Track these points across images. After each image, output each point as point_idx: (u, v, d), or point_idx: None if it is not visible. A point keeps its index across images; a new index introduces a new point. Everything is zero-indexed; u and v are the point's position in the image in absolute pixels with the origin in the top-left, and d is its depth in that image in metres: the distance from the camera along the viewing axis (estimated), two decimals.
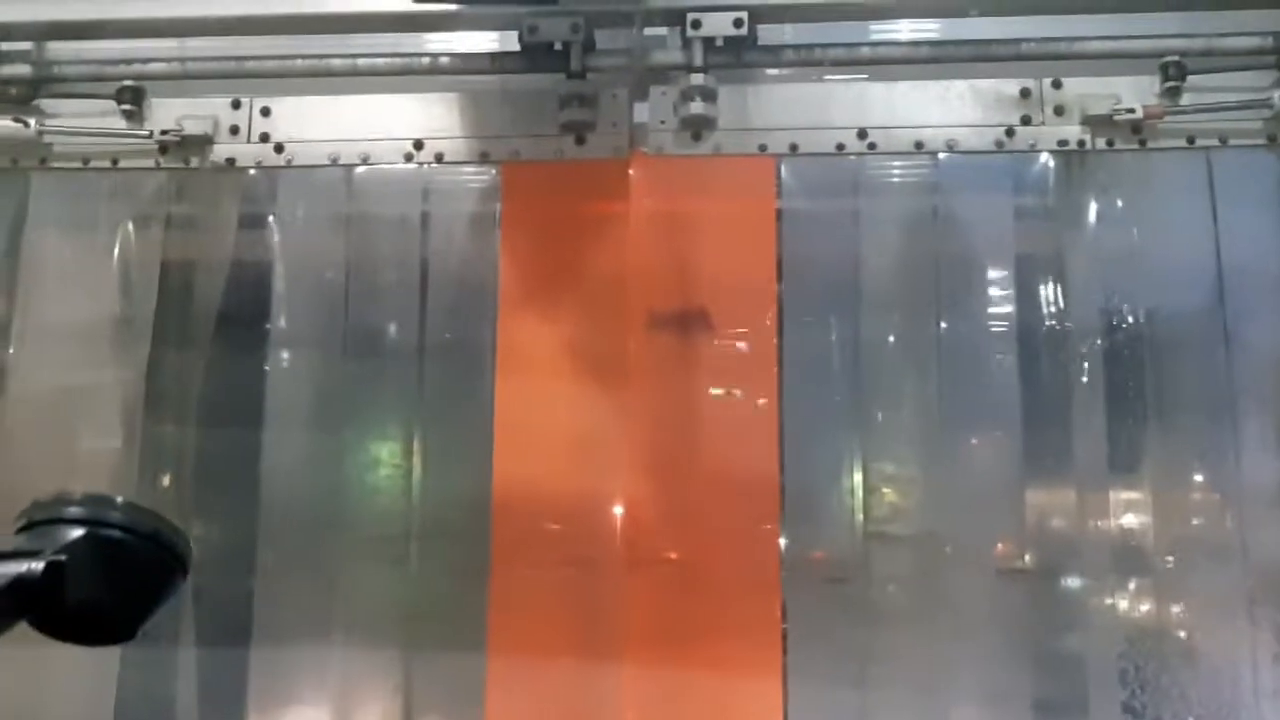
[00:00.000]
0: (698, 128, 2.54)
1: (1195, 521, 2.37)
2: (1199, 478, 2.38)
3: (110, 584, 1.24)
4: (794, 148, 2.53)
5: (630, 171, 2.53)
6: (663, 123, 2.56)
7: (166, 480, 2.47)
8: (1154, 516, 2.38)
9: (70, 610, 1.21)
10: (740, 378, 2.46)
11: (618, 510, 2.38)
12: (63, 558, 1.20)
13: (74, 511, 1.24)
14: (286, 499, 2.44)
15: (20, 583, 1.19)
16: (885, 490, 2.44)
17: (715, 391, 2.46)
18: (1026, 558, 2.38)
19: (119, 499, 1.27)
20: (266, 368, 2.51)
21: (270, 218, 2.60)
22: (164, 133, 2.60)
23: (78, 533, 1.23)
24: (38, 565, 1.19)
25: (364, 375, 2.49)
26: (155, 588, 1.28)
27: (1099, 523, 2.38)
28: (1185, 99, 2.44)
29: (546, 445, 2.43)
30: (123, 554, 1.24)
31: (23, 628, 1.22)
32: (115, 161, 2.63)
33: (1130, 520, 2.40)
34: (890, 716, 2.31)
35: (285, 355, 2.51)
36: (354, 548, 2.42)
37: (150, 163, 2.63)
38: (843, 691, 2.30)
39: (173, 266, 2.58)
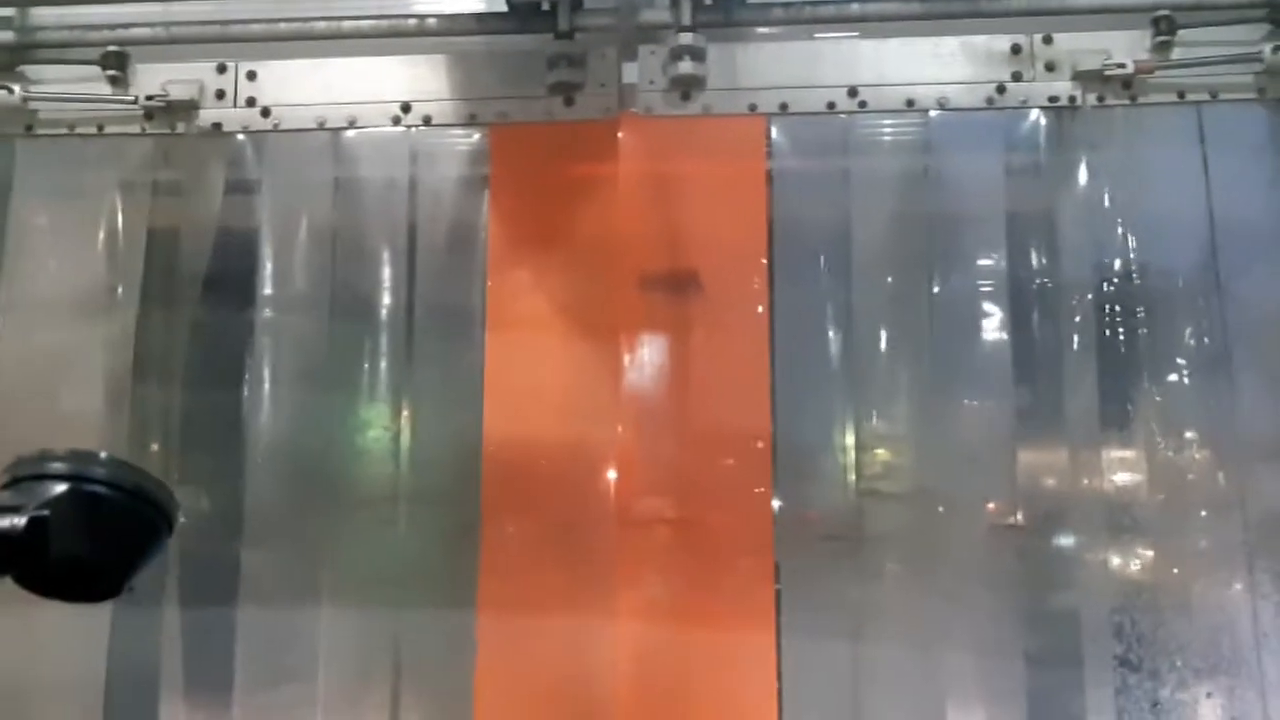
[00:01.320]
0: (687, 87, 2.53)
1: (1190, 475, 2.37)
2: (1193, 432, 2.37)
3: (94, 539, 1.24)
4: (784, 107, 2.52)
5: (619, 133, 2.52)
6: (651, 83, 2.55)
7: (154, 444, 2.47)
8: (1148, 471, 2.38)
9: (54, 566, 1.22)
10: (731, 338, 2.46)
11: (609, 471, 2.38)
12: (45, 513, 1.20)
13: (57, 467, 1.24)
14: (274, 462, 2.43)
15: (3, 538, 1.19)
16: (877, 448, 2.44)
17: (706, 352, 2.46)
18: (1019, 514, 2.37)
19: (103, 454, 1.27)
20: (254, 332, 2.50)
21: (257, 182, 2.59)
22: (149, 98, 2.59)
23: (61, 488, 1.22)
24: (20, 520, 1.19)
25: (352, 339, 2.49)
26: (140, 543, 1.28)
27: (1092, 478, 2.39)
28: (1176, 53, 2.44)
29: (536, 407, 2.43)
30: (107, 509, 1.24)
31: (10, 586, 1.21)
32: (101, 127, 2.63)
33: (1124, 475, 2.40)
34: (884, 672, 2.31)
35: (272, 319, 2.50)
36: (342, 510, 2.42)
37: (136, 128, 2.62)
38: (836, 648, 2.30)
39: (159, 232, 2.58)
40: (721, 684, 2.31)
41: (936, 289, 2.45)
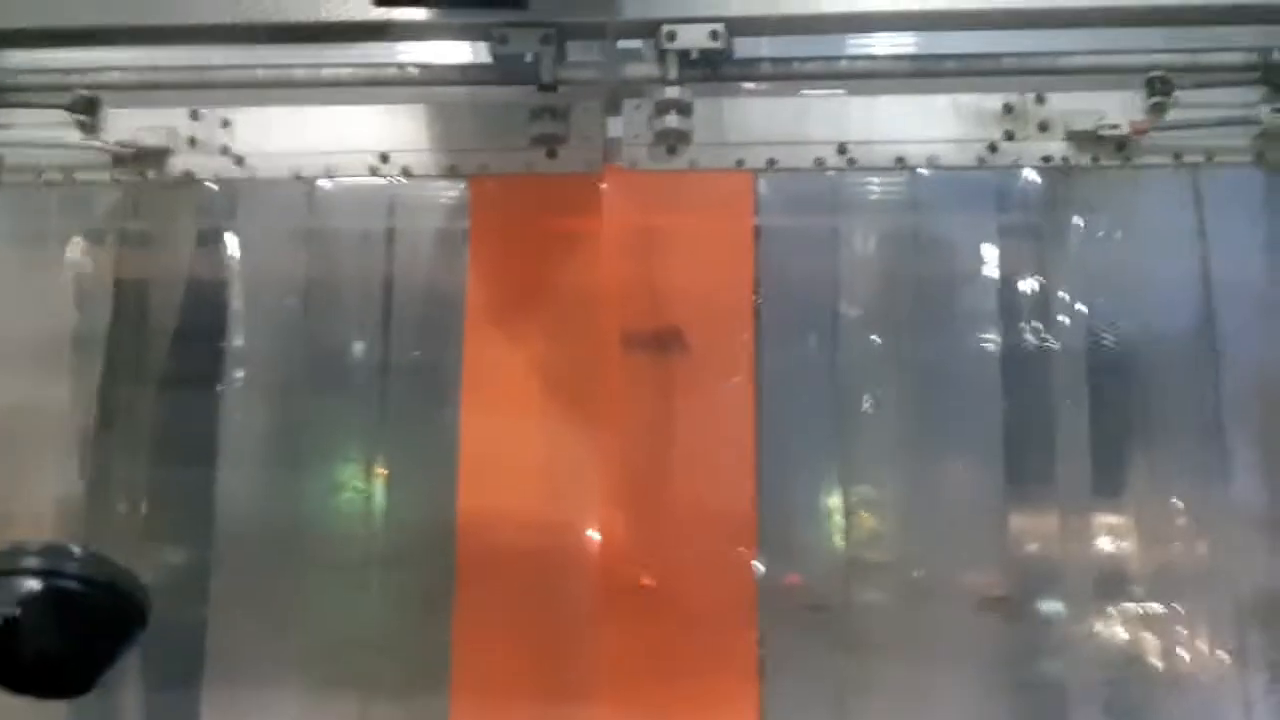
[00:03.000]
0: (673, 142, 2.51)
1: (1182, 548, 2.36)
2: (1186, 502, 2.37)
3: (67, 636, 1.23)
4: (772, 163, 2.50)
5: (603, 186, 2.50)
6: (636, 136, 2.52)
7: (117, 504, 2.43)
8: (1139, 543, 2.38)
9: (26, 664, 1.20)
10: (716, 400, 2.44)
11: (589, 537, 2.35)
12: (17, 612, 1.19)
13: (30, 563, 1.23)
14: (242, 525, 2.40)
15: None
16: (865, 515, 2.42)
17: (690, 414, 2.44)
18: (1009, 585, 2.36)
19: (76, 549, 1.26)
20: (223, 389, 2.47)
21: (229, 233, 2.57)
22: (120, 144, 2.55)
23: (35, 585, 1.21)
24: None
25: (324, 397, 2.47)
26: (113, 639, 1.28)
27: (1083, 548, 2.38)
28: (1171, 115, 2.42)
29: (514, 470, 2.39)
30: (80, 606, 1.24)
31: None
32: (69, 174, 2.58)
33: (1115, 546, 2.40)
34: None
35: (243, 376, 2.47)
36: (312, 577, 2.39)
37: (105, 176, 2.57)
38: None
39: (127, 284, 2.55)
40: None
41: (926, 349, 2.44)
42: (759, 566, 2.35)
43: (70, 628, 1.23)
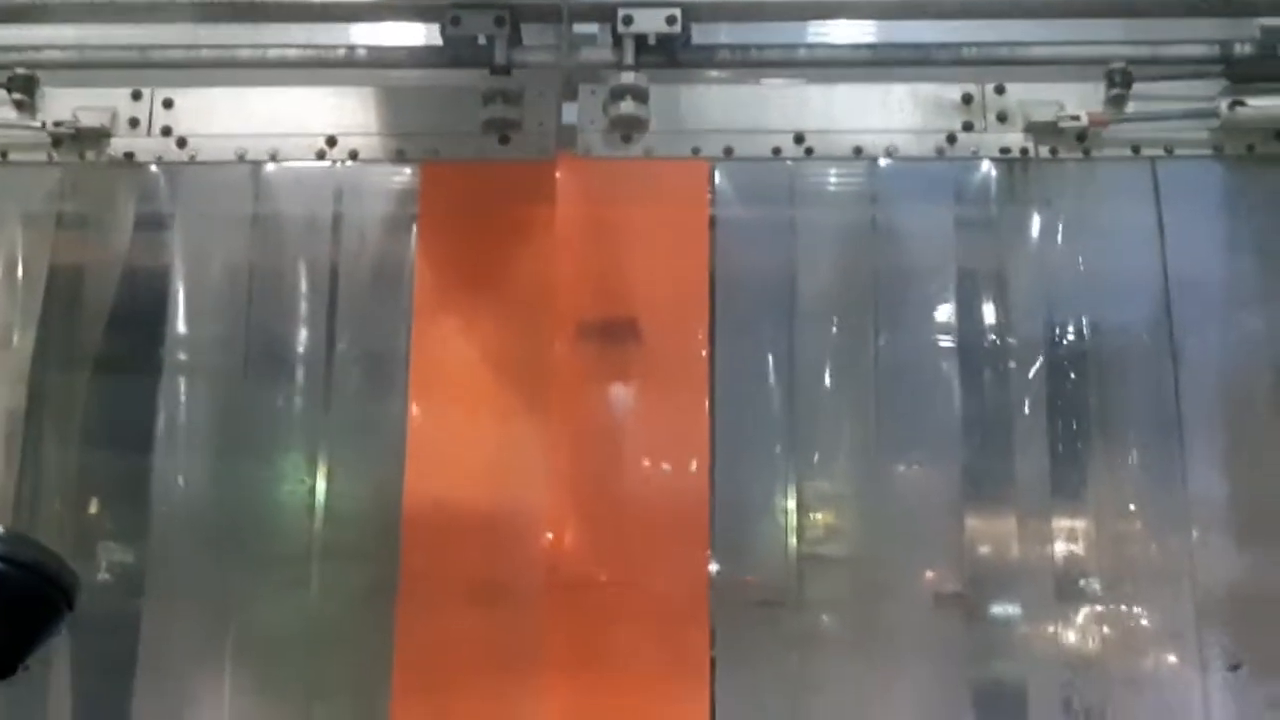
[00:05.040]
0: (628, 129, 2.52)
1: (1140, 543, 2.38)
2: (1143, 498, 2.38)
3: None
4: (728, 151, 2.52)
5: (557, 174, 2.51)
6: (592, 123, 2.54)
7: (48, 492, 2.39)
8: (1097, 538, 2.38)
9: None
10: (670, 392, 2.44)
11: (539, 531, 2.33)
12: None
13: None
14: (179, 515, 2.37)
15: None
16: (819, 511, 2.42)
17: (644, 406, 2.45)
18: (965, 581, 2.36)
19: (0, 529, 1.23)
20: (161, 377, 2.44)
21: (170, 217, 2.54)
22: (57, 124, 2.54)
23: None
24: None
25: (266, 385, 2.44)
26: (37, 621, 1.27)
27: (1040, 544, 2.38)
28: (1131, 107, 2.47)
29: (463, 462, 2.38)
30: (2, 587, 1.22)
31: None
32: (4, 155, 2.56)
33: (1073, 542, 2.40)
34: None
35: (182, 364, 2.44)
36: (251, 569, 2.35)
37: (42, 156, 2.56)
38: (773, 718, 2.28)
39: (63, 267, 2.51)
40: None
41: (883, 344, 2.45)
42: (711, 562, 2.34)
43: None
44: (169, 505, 2.37)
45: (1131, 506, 2.40)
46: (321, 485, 2.39)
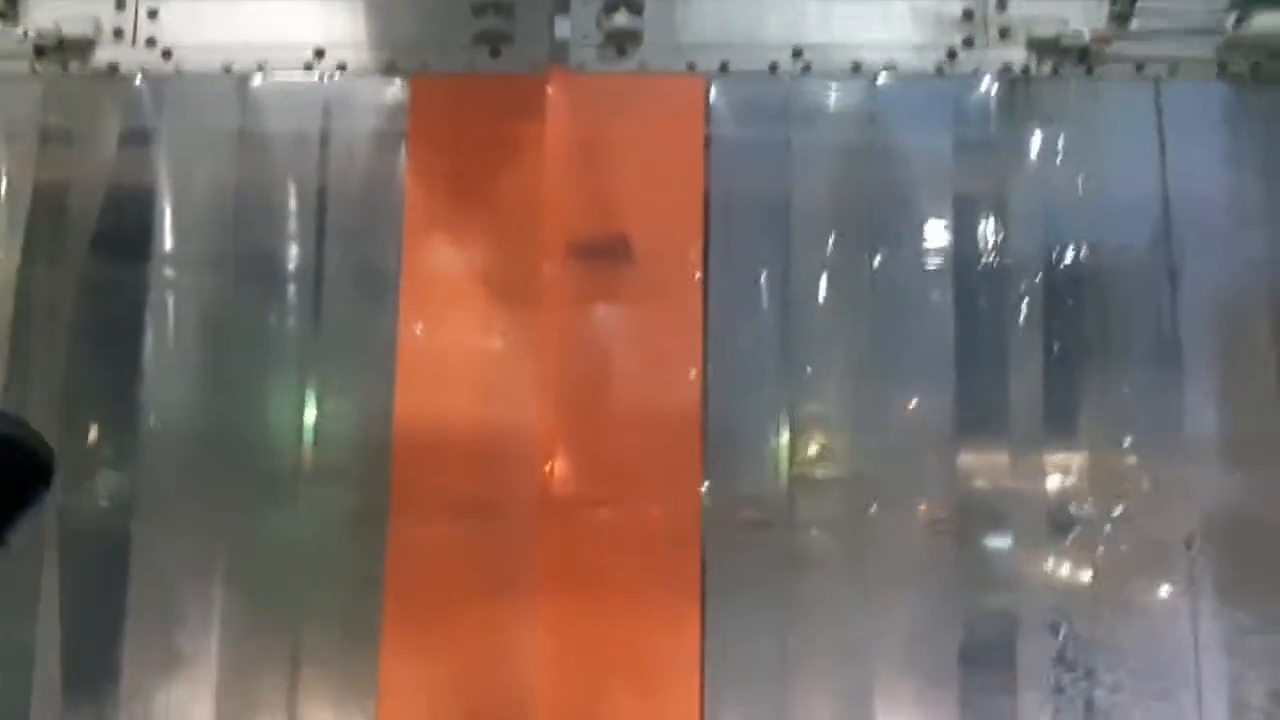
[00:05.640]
0: (622, 42, 2.49)
1: (1133, 468, 2.39)
2: (1139, 425, 2.38)
3: None
4: (724, 67, 2.49)
5: (548, 88, 2.47)
6: (585, 37, 2.50)
7: (34, 413, 2.38)
8: (1090, 466, 2.39)
9: None
10: (663, 312, 2.43)
11: (530, 452, 2.34)
12: None
13: None
14: (168, 435, 2.36)
15: None
16: (812, 432, 2.43)
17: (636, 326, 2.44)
18: (957, 504, 2.38)
19: None
20: (148, 295, 2.42)
21: (155, 132, 2.50)
22: (40, 34, 2.50)
23: None
24: None
25: (254, 303, 2.42)
26: (16, 495, 1.27)
27: (1033, 468, 2.38)
28: (1135, 24, 2.43)
29: (453, 382, 2.37)
30: None
31: None
32: None
33: (1067, 469, 2.41)
34: (811, 665, 2.31)
35: (169, 281, 2.42)
36: (241, 490, 2.36)
37: (24, 68, 2.52)
38: (763, 640, 2.29)
39: (47, 181, 2.47)
40: (644, 675, 2.29)
41: (879, 265, 2.44)
42: (703, 482, 2.35)
43: None
44: (158, 425, 2.37)
45: (1126, 431, 2.41)
46: (311, 404, 2.39)
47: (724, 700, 2.28)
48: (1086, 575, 2.37)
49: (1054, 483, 2.41)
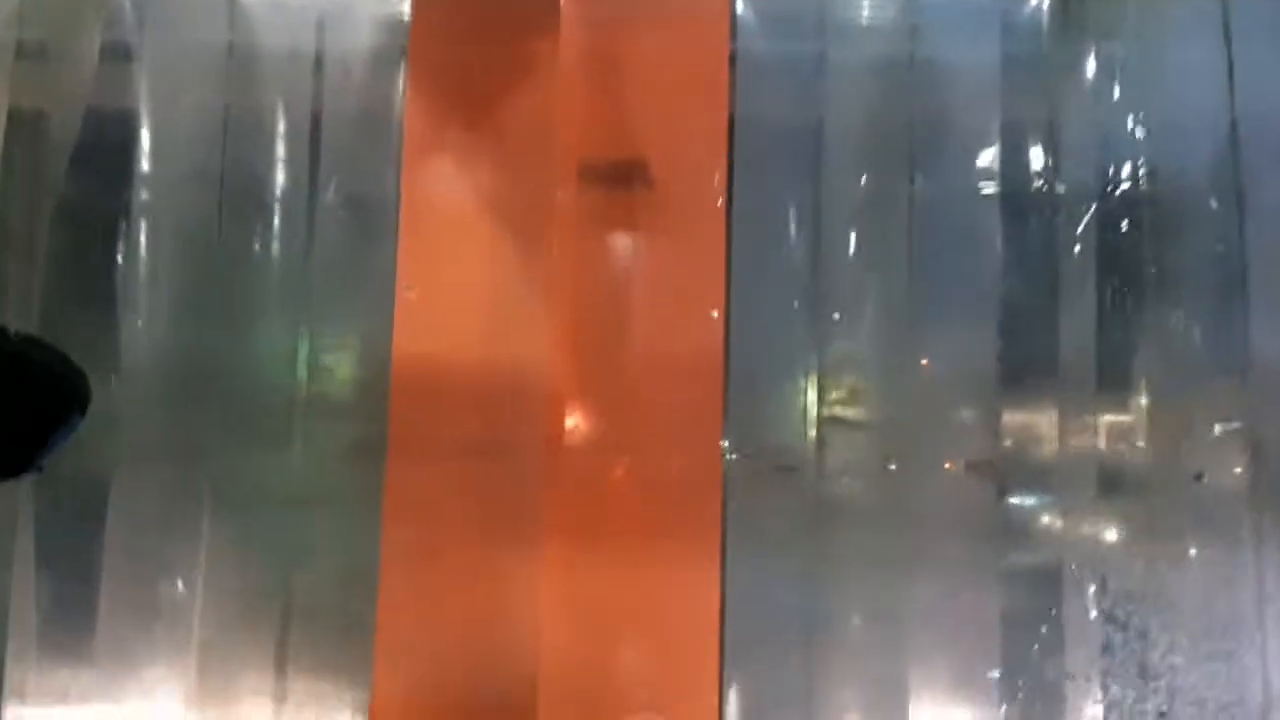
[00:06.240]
0: None
1: (1195, 414, 2.23)
2: (1202, 362, 2.23)
3: (5, 410, 1.23)
4: None
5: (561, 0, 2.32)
6: None
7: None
8: (1147, 408, 2.24)
9: None
10: (683, 242, 2.29)
11: (539, 389, 2.20)
12: None
13: None
14: (150, 368, 2.24)
15: None
16: (843, 375, 2.29)
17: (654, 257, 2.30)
18: (1000, 451, 2.23)
19: (12, 329, 1.26)
20: (130, 219, 2.29)
21: (138, 47, 2.36)
22: None
23: None
24: None
25: (244, 230, 2.29)
26: (53, 418, 1.27)
27: (1085, 413, 2.24)
28: None
29: (457, 314, 2.23)
30: (20, 376, 1.25)
31: None
32: None
33: (1121, 411, 2.26)
34: (840, 627, 2.18)
35: (152, 204, 2.29)
36: (228, 423, 2.24)
37: None
38: (787, 592, 2.17)
39: (22, 101, 2.35)
40: (659, 630, 2.17)
41: (917, 192, 2.28)
42: (725, 424, 2.22)
43: (9, 402, 1.23)
44: (139, 357, 2.25)
45: (1186, 374, 2.25)
46: (305, 336, 2.27)
47: (744, 659, 2.15)
48: (1139, 529, 2.23)
49: (1105, 429, 2.26)
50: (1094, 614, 2.17)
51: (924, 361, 2.28)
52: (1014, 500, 2.26)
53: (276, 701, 2.23)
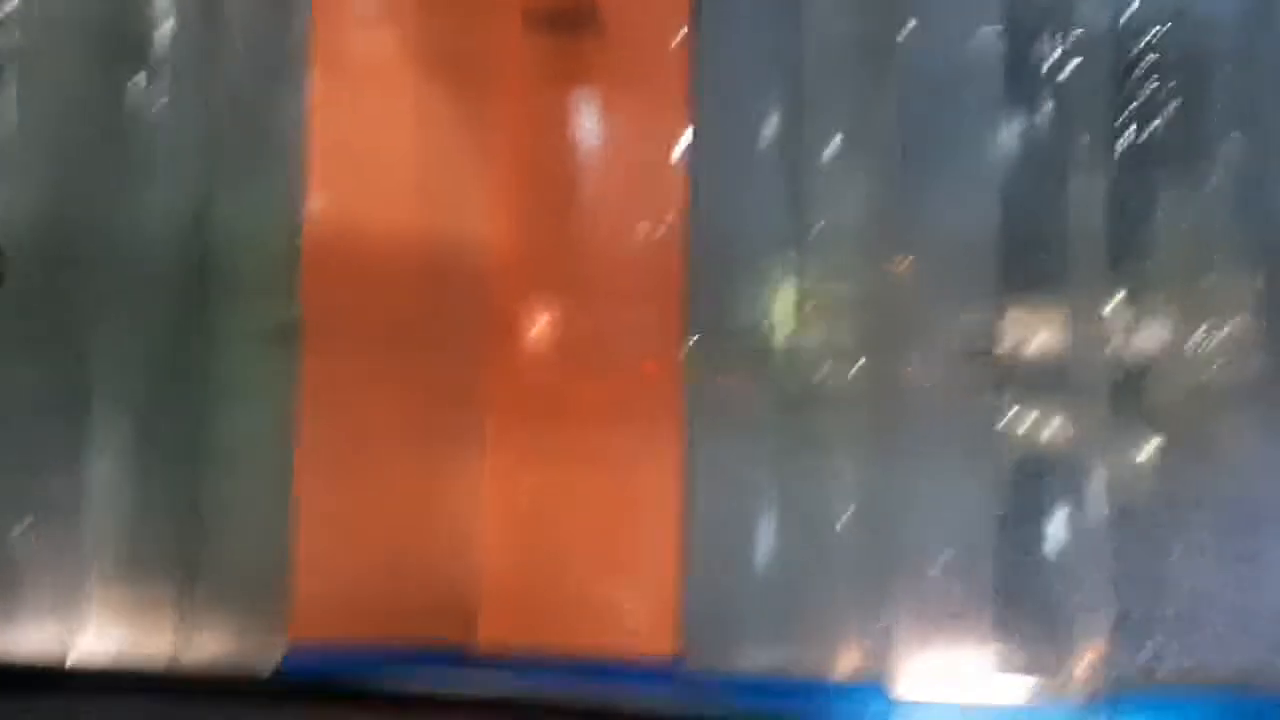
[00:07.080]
0: None
1: (1220, 295, 2.03)
2: (1226, 238, 2.02)
3: None
4: None
5: None
6: None
7: None
8: (1165, 289, 2.04)
9: None
10: (640, 95, 2.10)
11: (476, 264, 2.05)
12: None
13: None
14: (28, 237, 1.99)
15: None
16: (825, 246, 2.07)
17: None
18: (997, 335, 2.03)
19: None
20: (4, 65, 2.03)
21: None
22: None
23: None
24: None
25: (131, 77, 2.05)
26: None
27: (1096, 295, 2.03)
28: None
29: (381, 176, 2.04)
30: None
31: None
32: None
33: (1136, 293, 2.06)
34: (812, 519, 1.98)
35: (18, 48, 2.03)
36: (118, 294, 2.01)
37: None
38: (752, 474, 1.96)
39: None
40: (613, 524, 2.02)
41: (906, 40, 2.04)
42: (688, 302, 2.01)
43: None
44: (15, 225, 1.99)
45: (1208, 250, 2.04)
46: (205, 201, 2.03)
47: (707, 559, 1.96)
48: (1157, 421, 2.04)
49: (1118, 314, 2.05)
50: (1106, 512, 1.98)
51: (907, 259, 2.06)
52: (1016, 389, 2.05)
53: (182, 615, 2.02)
